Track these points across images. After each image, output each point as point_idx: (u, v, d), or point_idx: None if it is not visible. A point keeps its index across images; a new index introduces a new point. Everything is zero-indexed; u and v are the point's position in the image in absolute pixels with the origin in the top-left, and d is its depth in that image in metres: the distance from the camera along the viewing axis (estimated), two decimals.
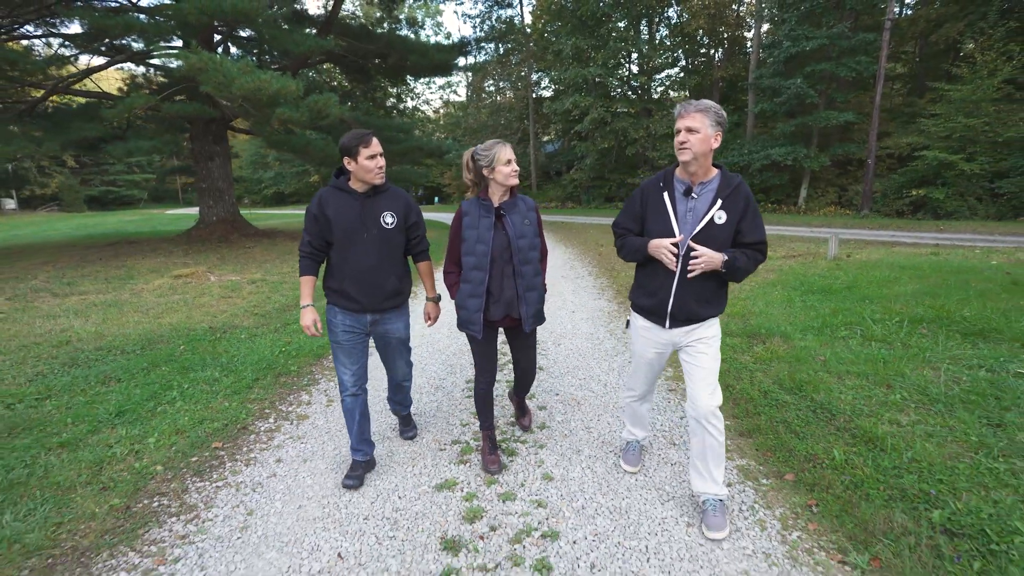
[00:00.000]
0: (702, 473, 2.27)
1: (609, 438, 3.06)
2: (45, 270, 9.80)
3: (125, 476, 2.66)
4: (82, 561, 2.08)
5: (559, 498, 2.49)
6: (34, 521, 2.29)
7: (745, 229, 2.13)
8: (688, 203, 2.15)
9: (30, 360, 4.58)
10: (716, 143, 2.06)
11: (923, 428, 2.83)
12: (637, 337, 2.42)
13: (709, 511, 2.23)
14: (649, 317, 2.32)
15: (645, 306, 2.31)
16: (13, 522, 2.28)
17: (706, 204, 2.12)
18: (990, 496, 2.23)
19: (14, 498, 2.46)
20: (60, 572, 2.02)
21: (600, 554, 2.11)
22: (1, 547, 2.12)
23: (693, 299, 2.18)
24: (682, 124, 2.06)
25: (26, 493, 2.50)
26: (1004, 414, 2.89)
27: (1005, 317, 4.68)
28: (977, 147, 16.82)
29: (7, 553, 2.10)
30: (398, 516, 2.38)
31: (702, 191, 2.14)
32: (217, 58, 7.98)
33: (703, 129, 2.03)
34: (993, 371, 3.50)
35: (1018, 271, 7.04)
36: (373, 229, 2.44)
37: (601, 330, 5.32)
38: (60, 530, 2.25)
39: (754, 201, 2.13)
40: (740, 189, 2.12)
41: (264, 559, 2.10)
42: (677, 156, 2.10)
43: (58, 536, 2.21)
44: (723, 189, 2.11)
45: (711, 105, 2.05)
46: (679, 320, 2.23)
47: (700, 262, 2.05)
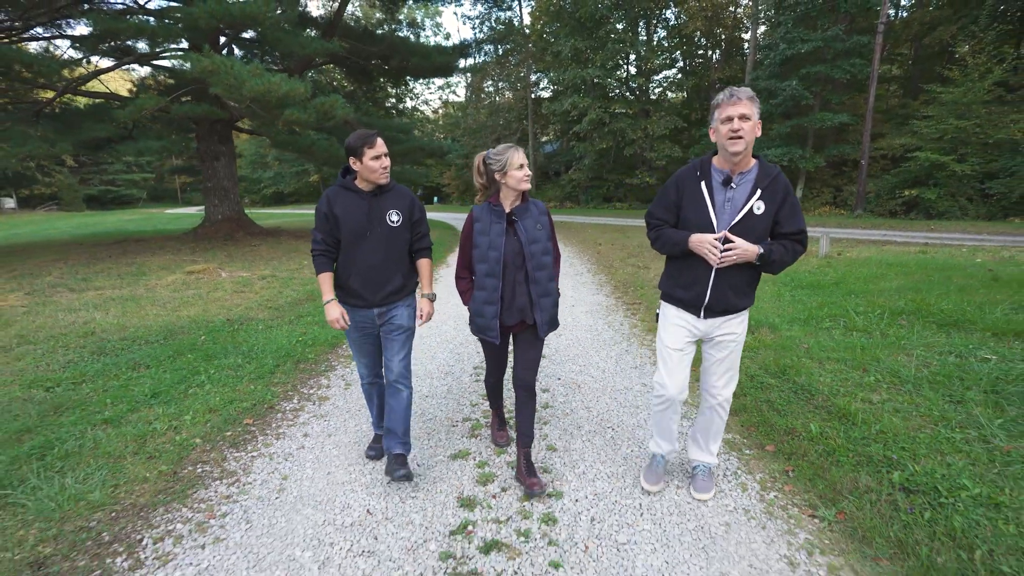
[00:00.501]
0: (700, 445, 2.50)
1: (607, 417, 3.34)
2: (57, 267, 10.04)
3: (168, 447, 2.93)
4: (141, 515, 2.36)
5: (562, 465, 2.77)
6: (94, 483, 2.56)
7: (783, 219, 2.09)
8: (727, 193, 2.10)
9: (59, 349, 4.84)
10: (759, 131, 2.05)
11: (891, 405, 3.12)
12: (668, 326, 2.36)
13: (699, 476, 2.48)
14: (683, 307, 2.29)
15: (681, 298, 2.28)
16: (75, 484, 2.55)
17: (745, 194, 2.08)
18: (945, 460, 2.52)
19: (72, 465, 2.73)
20: (123, 523, 2.30)
21: (599, 510, 2.39)
22: (69, 503, 2.39)
23: (731, 291, 2.17)
24: (734, 112, 1.97)
25: (81, 461, 2.77)
26: (965, 392, 3.18)
27: (980, 310, 4.97)
28: (968, 148, 17.15)
29: (75, 508, 2.37)
30: (418, 480, 2.66)
31: (741, 181, 2.09)
32: (228, 61, 8.24)
33: (754, 116, 1.99)
34: (961, 356, 3.79)
35: (1000, 268, 7.34)
36: (379, 227, 2.47)
37: (600, 322, 5.60)
38: (118, 490, 2.52)
39: (793, 191, 2.09)
40: (779, 179, 2.09)
41: (301, 514, 2.38)
42: (727, 147, 2.01)
43: (117, 495, 2.49)
44: (762, 179, 2.07)
45: (753, 93, 2.01)
46: (715, 312, 2.22)
47: (733, 253, 2.04)
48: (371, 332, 2.64)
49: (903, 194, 18.38)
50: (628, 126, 26.06)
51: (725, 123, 1.99)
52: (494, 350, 2.67)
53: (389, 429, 2.62)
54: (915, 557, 1.98)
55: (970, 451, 2.57)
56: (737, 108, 1.97)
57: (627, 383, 3.88)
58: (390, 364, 2.67)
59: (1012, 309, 4.96)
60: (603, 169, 29.27)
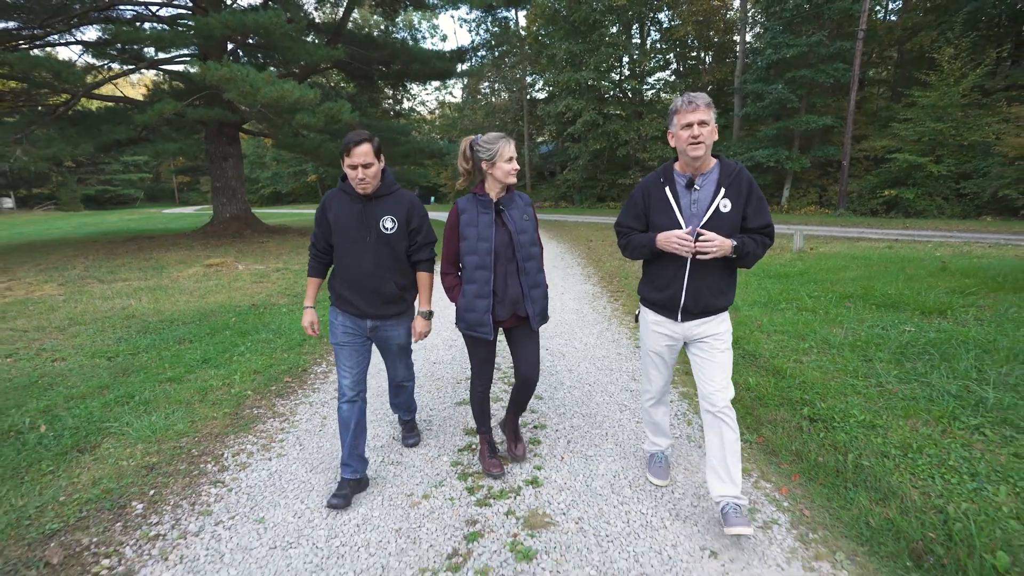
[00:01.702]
0: (720, 474, 2.14)
1: (585, 377, 4.02)
2: (79, 262, 10.66)
3: (226, 397, 3.60)
4: (218, 439, 3.03)
5: (547, 408, 3.45)
6: (175, 419, 3.23)
7: (750, 215, 2.12)
8: (691, 195, 2.13)
9: (108, 329, 5.50)
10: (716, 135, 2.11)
11: (816, 363, 3.82)
12: (647, 331, 2.37)
13: (731, 514, 2.07)
14: (660, 311, 2.28)
15: (656, 300, 2.27)
16: (161, 420, 3.22)
17: (709, 194, 2.11)
18: (845, 400, 3.21)
19: (152, 408, 3.40)
20: (206, 444, 2.97)
21: (574, 436, 3.07)
22: (160, 432, 3.06)
23: (707, 291, 2.15)
24: (694, 118, 2.02)
25: (159, 406, 3.44)
26: (876, 353, 3.88)
27: (918, 294, 5.67)
28: (945, 150, 17.94)
29: (166, 435, 3.04)
30: (431, 419, 3.34)
31: (704, 182, 2.12)
32: (244, 70, 8.89)
33: (711, 121, 2.04)
34: (885, 328, 4.49)
35: (953, 260, 8.06)
36: (372, 234, 2.36)
37: (585, 307, 6.29)
38: (195, 424, 3.19)
39: (757, 186, 2.12)
40: (741, 175, 2.12)
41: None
42: (688, 152, 2.06)
43: (195, 427, 3.16)
44: (725, 177, 2.11)
45: (708, 98, 2.07)
46: (693, 313, 2.19)
47: (711, 245, 2.02)
48: (361, 341, 2.50)
49: (883, 194, 19.15)
50: (621, 128, 26.80)
51: (685, 129, 2.04)
52: (484, 349, 2.53)
53: (397, 405, 2.93)
54: (807, 461, 2.67)
55: (866, 393, 3.27)
56: (696, 115, 2.02)
57: (604, 352, 4.56)
58: (393, 370, 2.77)
59: (945, 293, 5.67)
60: (597, 169, 29.98)
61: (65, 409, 3.37)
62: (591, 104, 26.87)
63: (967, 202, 17.43)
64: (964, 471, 2.40)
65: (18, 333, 5.40)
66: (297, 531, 2.22)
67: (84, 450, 2.87)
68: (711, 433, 2.17)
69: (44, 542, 2.13)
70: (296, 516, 2.33)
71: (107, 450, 2.87)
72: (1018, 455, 2.49)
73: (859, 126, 23.42)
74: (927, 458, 2.52)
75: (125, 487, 2.53)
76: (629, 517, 2.30)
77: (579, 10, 26.14)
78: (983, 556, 1.87)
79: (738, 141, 24.36)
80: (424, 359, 4.47)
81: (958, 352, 3.71)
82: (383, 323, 2.51)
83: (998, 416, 2.83)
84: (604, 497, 2.44)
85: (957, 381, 3.29)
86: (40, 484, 2.55)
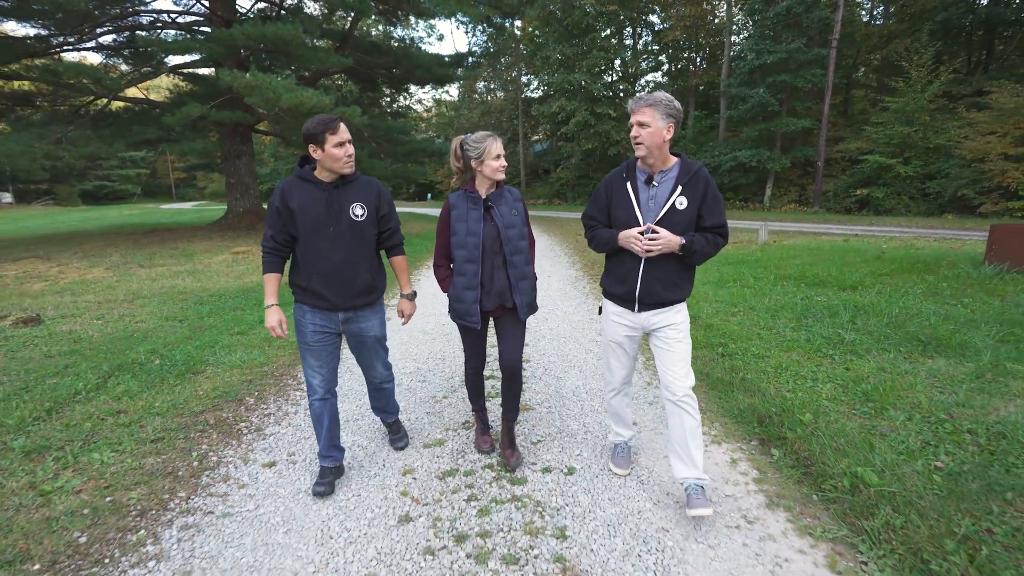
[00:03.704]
0: (683, 458, 2.28)
1: (562, 332, 5.14)
2: (111, 252, 11.70)
3: (287, 343, 4.69)
4: (290, 367, 4.13)
5: (532, 352, 4.57)
6: (253, 355, 4.33)
7: (705, 213, 2.19)
8: (649, 191, 2.21)
9: (168, 301, 6.58)
10: (669, 134, 2.11)
11: (738, 321, 4.97)
12: (608, 322, 2.46)
13: (692, 495, 2.22)
14: (619, 302, 2.38)
15: (616, 292, 2.37)
16: (244, 356, 4.31)
17: (667, 191, 2.18)
18: (749, 343, 4.35)
19: (233, 350, 4.50)
20: (283, 370, 4.08)
21: (552, 366, 4.19)
22: (246, 363, 4.17)
23: (659, 284, 2.24)
24: (634, 119, 2.12)
25: (238, 348, 4.54)
26: (784, 314, 5.04)
27: (842, 273, 6.84)
28: (912, 152, 19.18)
29: (251, 365, 4.14)
30: (437, 395, 4.45)
31: (662, 179, 2.20)
32: (267, 78, 9.93)
33: (653, 123, 2.08)
34: (802, 299, 5.65)
35: (892, 251, 9.24)
36: (342, 222, 2.31)
37: (567, 286, 7.43)
38: (270, 359, 4.29)
39: (715, 187, 2.19)
40: (699, 175, 2.18)
41: None
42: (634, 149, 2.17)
43: (271, 360, 4.26)
44: (683, 176, 2.18)
45: (661, 99, 2.09)
46: (647, 304, 2.28)
47: (657, 242, 2.13)
48: (332, 339, 2.44)
49: (855, 193, 20.38)
50: (612, 128, 27.92)
51: (630, 129, 2.16)
52: (473, 336, 2.66)
53: (380, 408, 2.85)
54: (712, 378, 3.80)
55: (765, 338, 4.42)
56: (635, 116, 2.12)
57: (579, 317, 5.69)
58: (371, 371, 2.67)
59: (866, 274, 6.84)
60: (589, 168, 31.11)
61: (167, 351, 4.47)
62: (583, 105, 27.97)
63: (931, 201, 18.69)
64: (808, 378, 3.55)
65: (92, 304, 6.47)
66: (358, 411, 3.35)
67: (196, 373, 3.98)
68: (673, 420, 2.29)
69: (197, 415, 3.25)
70: (357, 406, 3.45)
71: (212, 373, 3.98)
72: (848, 368, 3.65)
73: (839, 128, 24.68)
74: (789, 373, 3.67)
75: (237, 390, 3.64)
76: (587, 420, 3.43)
77: (572, 14, 27.26)
78: (798, 416, 3.01)
79: (723, 142, 25.57)
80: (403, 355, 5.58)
81: (842, 312, 4.88)
82: (356, 314, 2.45)
83: (847, 348, 4.00)
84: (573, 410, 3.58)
85: (832, 330, 4.46)
86: (175, 390, 3.65)
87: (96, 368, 4.02)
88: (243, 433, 3.08)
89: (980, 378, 3.36)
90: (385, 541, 2.15)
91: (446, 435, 3.08)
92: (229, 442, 2.96)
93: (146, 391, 3.61)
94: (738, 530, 2.21)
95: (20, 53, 11.90)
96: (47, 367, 4.10)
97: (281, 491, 2.50)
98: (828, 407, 3.11)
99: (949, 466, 2.43)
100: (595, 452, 2.86)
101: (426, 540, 2.16)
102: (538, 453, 2.86)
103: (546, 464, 2.75)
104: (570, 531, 2.21)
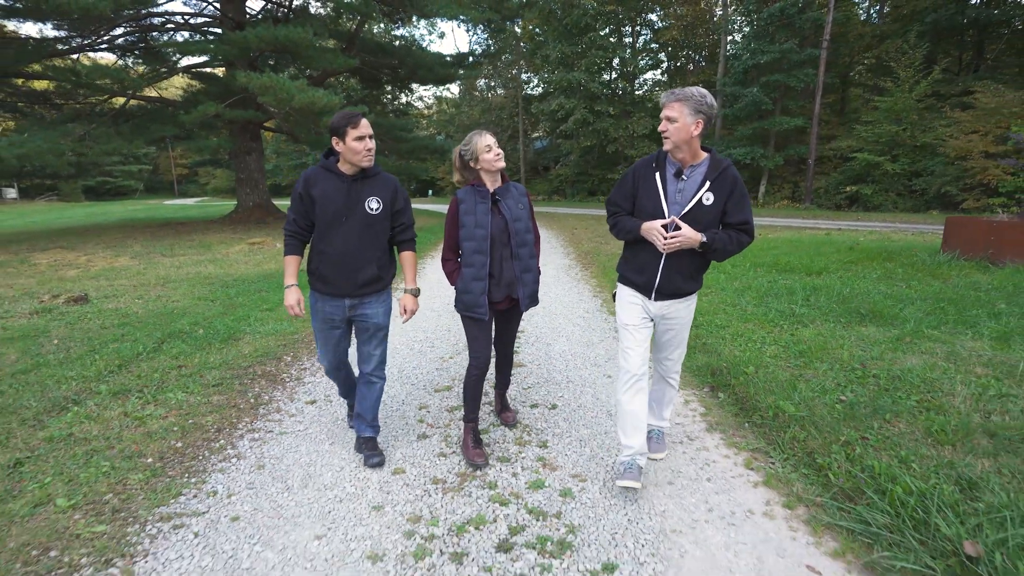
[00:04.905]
0: (654, 412, 2.68)
1: (553, 309, 5.78)
2: (130, 243, 12.33)
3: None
4: (312, 336, 4.77)
5: (526, 324, 5.21)
6: (285, 326, 4.98)
7: (731, 210, 2.22)
8: (678, 184, 2.24)
9: (196, 285, 7.23)
10: (697, 130, 2.14)
11: (708, 300, 5.61)
12: (624, 305, 2.46)
13: (653, 438, 2.64)
14: (636, 289, 2.41)
15: (634, 280, 2.39)
16: (277, 327, 4.96)
17: (695, 186, 2.21)
18: (715, 316, 4.99)
19: (265, 323, 5.14)
20: (300, 340, 4.72)
21: (543, 332, 4.84)
22: (279, 332, 4.82)
23: (679, 276, 2.29)
24: (663, 113, 2.17)
25: (269, 322, 5.18)
26: (749, 294, 5.69)
27: (812, 262, 7.48)
28: (900, 150, 19.80)
29: (284, 333, 4.79)
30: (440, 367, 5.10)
31: (691, 173, 2.22)
32: (281, 79, 10.56)
33: (681, 118, 2.12)
34: (768, 282, 6.29)
35: (867, 244, 9.87)
36: (356, 213, 2.41)
37: (561, 273, 8.07)
38: (299, 329, 4.94)
39: (742, 184, 2.22)
40: (728, 172, 2.21)
41: (409, 337, 4.81)
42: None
43: (301, 330, 4.91)
44: (712, 172, 2.20)
45: (692, 94, 2.12)
46: (665, 294, 2.33)
47: (677, 240, 2.16)
48: (339, 325, 2.58)
49: (846, 190, 21.01)
50: (611, 126, 28.55)
51: (661, 123, 2.20)
52: (480, 329, 2.66)
53: (359, 414, 2.69)
54: None
55: (729, 312, 5.07)
56: (664, 111, 2.17)
57: (569, 298, 6.34)
58: (366, 360, 2.66)
59: (834, 262, 7.48)
60: (588, 165, 31.74)
61: (207, 324, 5.12)
62: (582, 103, 28.56)
63: (917, 197, 19.33)
64: (758, 342, 4.20)
65: (128, 287, 7.12)
66: None
67: (236, 339, 4.63)
68: (658, 386, 2.67)
69: (245, 368, 3.90)
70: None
71: (251, 340, 4.63)
72: (792, 335, 4.29)
73: (832, 127, 25.29)
74: (743, 339, 4.31)
75: (275, 351, 4.30)
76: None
77: (571, 13, 27.83)
78: (743, 369, 3.65)
79: (719, 139, 26.17)
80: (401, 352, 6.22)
81: (799, 292, 5.53)
82: (361, 301, 2.54)
83: (796, 320, 4.66)
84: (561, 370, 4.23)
85: (787, 305, 5.11)
86: (222, 351, 4.31)
87: (149, 335, 4.67)
88: (286, 381, 3.73)
89: (900, 340, 4.01)
90: (408, 450, 2.81)
91: (453, 383, 3.74)
92: (276, 387, 3.62)
93: (197, 352, 4.26)
94: (681, 444, 2.86)
95: (42, 54, 12.54)
96: (105, 335, 4.75)
97: (323, 419, 3.15)
98: (769, 363, 3.76)
99: (850, 399, 3.08)
100: (575, 395, 3.51)
101: (439, 449, 2.81)
102: (528, 394, 3.52)
103: (534, 402, 3.40)
104: (550, 444, 2.86)
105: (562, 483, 2.49)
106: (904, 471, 2.31)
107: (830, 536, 2.10)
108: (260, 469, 2.60)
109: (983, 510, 2.02)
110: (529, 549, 2.03)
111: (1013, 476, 2.28)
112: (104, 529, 2.11)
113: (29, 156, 10.39)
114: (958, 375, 3.30)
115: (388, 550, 2.03)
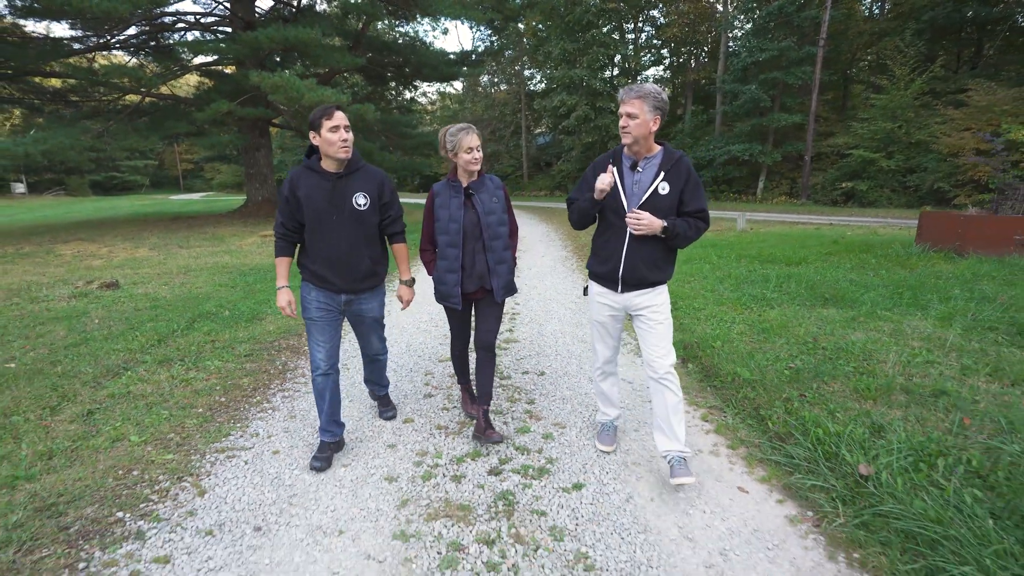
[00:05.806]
0: (666, 432, 2.42)
1: (547, 295, 6.25)
2: (145, 236, 12.86)
3: None
4: None
5: (521, 307, 5.69)
6: None
7: (687, 199, 2.32)
8: (634, 176, 2.33)
9: (216, 273, 7.73)
10: (655, 126, 2.23)
11: (691, 287, 6.08)
12: (593, 302, 2.58)
13: (675, 466, 2.35)
14: (603, 283, 2.51)
15: (600, 272, 2.49)
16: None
17: (650, 177, 2.31)
18: (695, 300, 5.46)
19: None
20: None
21: (534, 313, 5.32)
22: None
23: (642, 264, 2.36)
24: (622, 110, 2.22)
25: None
26: (727, 281, 6.15)
27: (795, 253, 7.94)
28: (895, 147, 20.14)
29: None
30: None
31: (646, 165, 2.32)
32: (291, 79, 11.02)
33: (641, 114, 2.19)
34: (747, 271, 6.75)
35: (853, 238, 10.30)
36: (345, 211, 2.42)
37: (557, 264, 8.55)
38: None
39: (695, 174, 2.32)
40: (681, 162, 2.31)
41: (417, 317, 5.30)
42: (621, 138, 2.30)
43: None
44: (666, 163, 2.30)
45: (650, 91, 2.19)
46: (630, 284, 2.40)
47: (642, 222, 2.25)
48: (334, 316, 2.59)
49: (842, 186, 21.37)
50: (612, 122, 28.84)
51: (620, 119, 2.26)
52: (457, 316, 2.85)
53: (371, 379, 3.08)
54: None
55: (707, 297, 5.54)
56: (624, 107, 2.23)
57: (564, 287, 6.82)
58: (368, 346, 2.88)
59: (814, 254, 7.93)
60: (589, 161, 31.95)
61: (232, 306, 5.62)
62: (584, 99, 28.93)
63: (911, 194, 19.69)
64: (727, 322, 4.67)
65: (152, 275, 7.63)
66: (390, 338, 4.49)
67: (260, 319, 5.13)
68: (656, 396, 2.44)
69: (271, 342, 4.40)
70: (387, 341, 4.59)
71: (272, 320, 5.13)
72: (760, 316, 4.77)
73: (830, 123, 25.59)
74: (715, 319, 4.78)
75: (295, 329, 4.80)
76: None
77: (574, 11, 28.18)
78: (711, 344, 4.13)
79: (719, 136, 26.54)
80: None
81: (773, 279, 6.00)
82: (358, 297, 2.60)
83: (766, 303, 5.12)
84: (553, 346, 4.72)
85: (761, 291, 5.58)
86: (248, 329, 4.80)
87: (181, 316, 5.18)
88: (308, 353, 4.22)
89: (854, 320, 4.48)
90: (416, 405, 3.30)
91: None
92: (300, 357, 4.12)
93: (226, 330, 4.77)
94: (648, 403, 3.34)
95: (59, 53, 13.04)
96: (141, 316, 5.26)
97: (343, 382, 3.65)
98: (735, 339, 4.23)
99: (798, 366, 3.55)
100: (561, 365, 4.00)
101: (442, 404, 3.31)
102: (520, 364, 4.01)
103: (525, 369, 3.89)
104: (537, 401, 3.35)
105: (544, 429, 2.98)
106: (829, 419, 2.79)
107: (761, 468, 2.59)
108: (292, 418, 3.10)
109: (883, 445, 2.50)
110: (515, 473, 2.53)
111: (916, 421, 2.76)
112: (172, 457, 2.62)
113: (52, 152, 10.90)
114: (895, 347, 3.77)
115: (401, 474, 2.53)
